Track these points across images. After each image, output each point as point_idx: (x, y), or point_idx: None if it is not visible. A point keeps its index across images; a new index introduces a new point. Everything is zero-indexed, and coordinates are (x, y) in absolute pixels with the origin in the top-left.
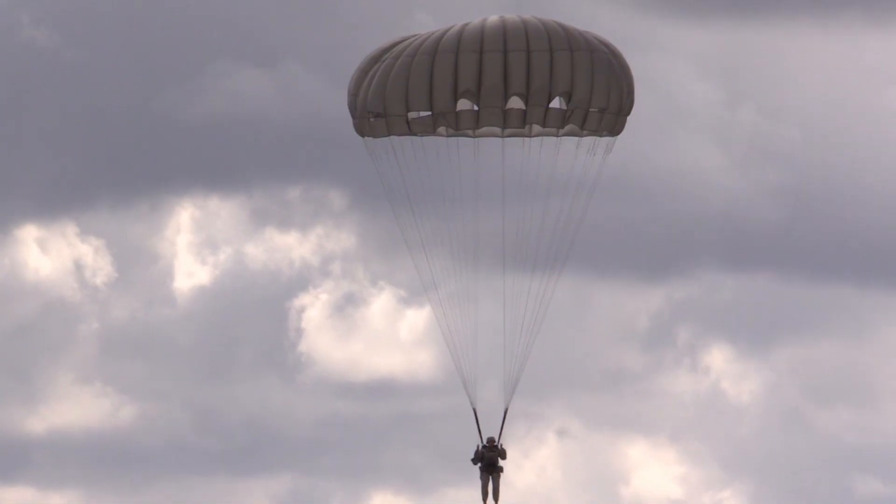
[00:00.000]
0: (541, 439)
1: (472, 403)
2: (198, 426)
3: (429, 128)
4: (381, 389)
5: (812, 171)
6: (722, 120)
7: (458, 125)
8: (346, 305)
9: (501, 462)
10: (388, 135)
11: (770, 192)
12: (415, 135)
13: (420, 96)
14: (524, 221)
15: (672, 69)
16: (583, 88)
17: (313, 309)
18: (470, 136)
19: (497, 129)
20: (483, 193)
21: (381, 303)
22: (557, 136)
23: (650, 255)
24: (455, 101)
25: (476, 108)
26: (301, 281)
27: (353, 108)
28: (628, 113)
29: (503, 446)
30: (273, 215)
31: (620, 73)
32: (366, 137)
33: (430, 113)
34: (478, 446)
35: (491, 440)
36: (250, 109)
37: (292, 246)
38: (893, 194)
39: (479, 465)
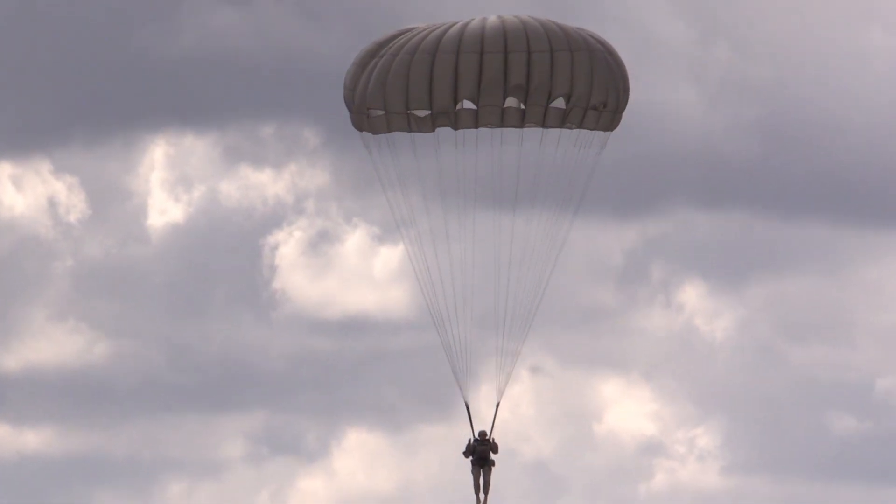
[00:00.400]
0: (514, 376)
1: (464, 398)
2: (172, 363)
3: (428, 126)
4: (356, 326)
5: (786, 107)
6: (696, 57)
7: (457, 124)
8: (321, 242)
9: (493, 456)
10: (389, 131)
11: (744, 129)
12: (413, 131)
13: (420, 96)
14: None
15: (645, 6)
16: (582, 88)
17: (287, 246)
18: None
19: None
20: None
21: (355, 240)
22: (550, 127)
23: (624, 192)
24: (455, 101)
25: (475, 107)
26: (275, 218)
27: (349, 102)
28: (623, 110)
29: (495, 440)
30: (247, 153)
31: (617, 71)
32: (363, 132)
33: (429, 112)
34: (469, 440)
35: (483, 434)
36: (224, 47)
37: (266, 183)
38: (867, 131)
39: (471, 458)
